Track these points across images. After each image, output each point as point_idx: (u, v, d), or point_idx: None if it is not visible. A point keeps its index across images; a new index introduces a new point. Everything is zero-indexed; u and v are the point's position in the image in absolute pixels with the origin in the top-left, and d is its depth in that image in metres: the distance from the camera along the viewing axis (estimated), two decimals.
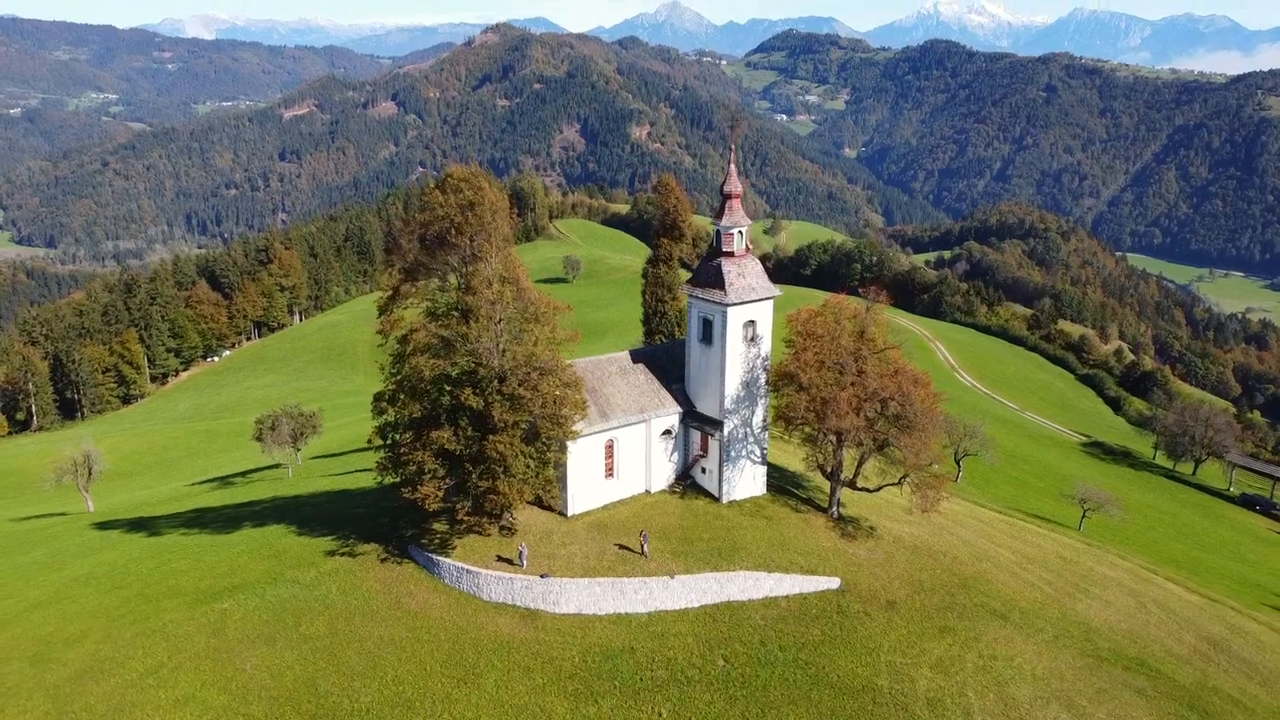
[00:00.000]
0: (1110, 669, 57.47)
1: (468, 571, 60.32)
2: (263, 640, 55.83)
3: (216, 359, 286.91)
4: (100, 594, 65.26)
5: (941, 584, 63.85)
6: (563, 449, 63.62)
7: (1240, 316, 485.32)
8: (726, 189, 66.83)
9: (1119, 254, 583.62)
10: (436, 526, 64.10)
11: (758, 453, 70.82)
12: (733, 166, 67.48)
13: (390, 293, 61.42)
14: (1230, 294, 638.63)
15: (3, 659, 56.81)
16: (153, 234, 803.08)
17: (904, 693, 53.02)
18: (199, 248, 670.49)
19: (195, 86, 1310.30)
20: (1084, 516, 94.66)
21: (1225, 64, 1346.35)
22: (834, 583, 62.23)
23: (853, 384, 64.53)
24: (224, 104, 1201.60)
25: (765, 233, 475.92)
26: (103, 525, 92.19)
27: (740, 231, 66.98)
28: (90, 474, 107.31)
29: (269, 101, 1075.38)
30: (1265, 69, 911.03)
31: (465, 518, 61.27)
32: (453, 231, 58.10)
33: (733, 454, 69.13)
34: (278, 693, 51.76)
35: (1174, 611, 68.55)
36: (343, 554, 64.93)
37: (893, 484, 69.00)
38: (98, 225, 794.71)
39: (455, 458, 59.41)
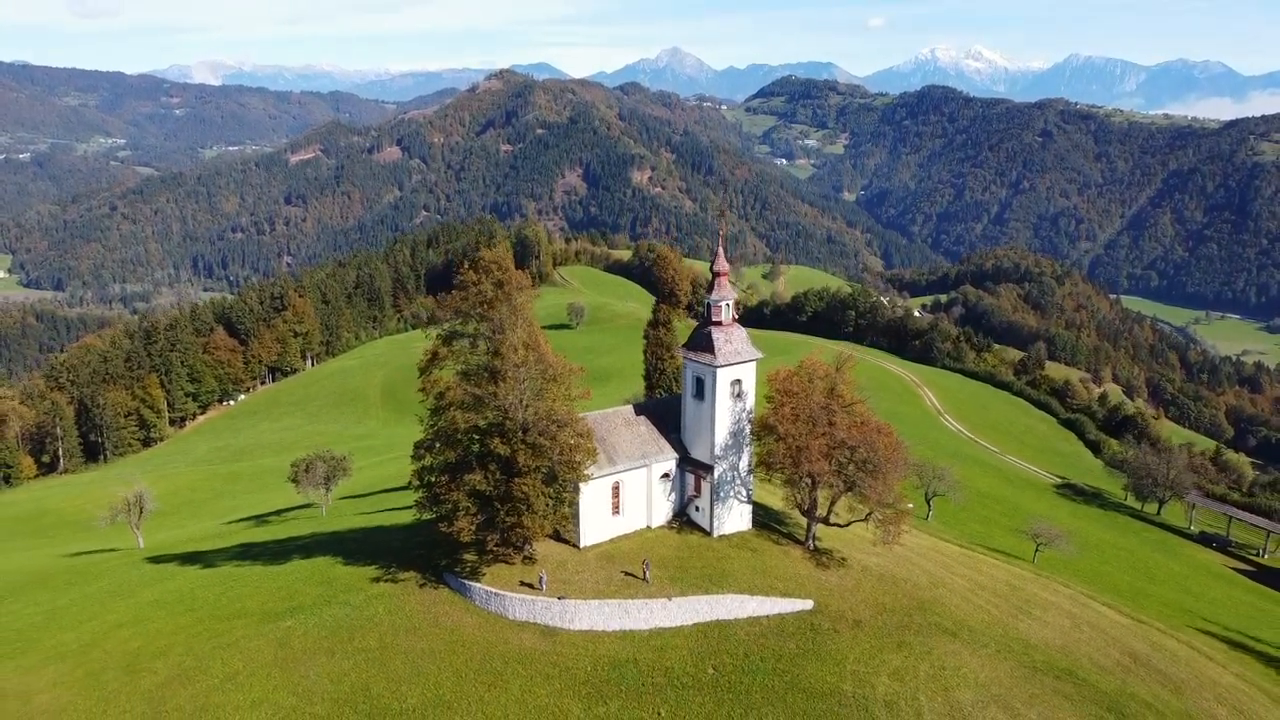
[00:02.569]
0: (1043, 678, 66.82)
1: (495, 594, 70.18)
2: (323, 652, 65.72)
3: (232, 403, 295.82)
4: (175, 615, 75.21)
5: (901, 606, 73.47)
6: (576, 490, 73.69)
7: (1235, 359, 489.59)
8: (715, 268, 77.53)
9: (1114, 297, 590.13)
10: (467, 557, 74.02)
11: (744, 493, 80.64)
12: (720, 248, 77.92)
13: (430, 356, 71.92)
14: (1227, 336, 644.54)
15: (100, 669, 66.67)
16: (159, 277, 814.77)
17: (865, 696, 62.49)
18: (205, 291, 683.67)
19: (202, 131, 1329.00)
20: (1037, 550, 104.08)
21: (1218, 110, 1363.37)
22: (808, 604, 71.82)
23: (823, 434, 74.74)
24: (231, 149, 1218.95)
25: (764, 278, 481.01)
26: (156, 559, 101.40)
27: (727, 304, 77.51)
28: (142, 513, 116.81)
29: (275, 146, 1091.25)
30: (1258, 115, 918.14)
31: (494, 549, 71.44)
32: (484, 306, 68.86)
33: (722, 494, 79.02)
34: (337, 695, 61.49)
35: (1103, 630, 77.98)
36: (386, 580, 74.94)
37: (860, 520, 78.90)
38: (105, 268, 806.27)
39: (485, 497, 69.55)
